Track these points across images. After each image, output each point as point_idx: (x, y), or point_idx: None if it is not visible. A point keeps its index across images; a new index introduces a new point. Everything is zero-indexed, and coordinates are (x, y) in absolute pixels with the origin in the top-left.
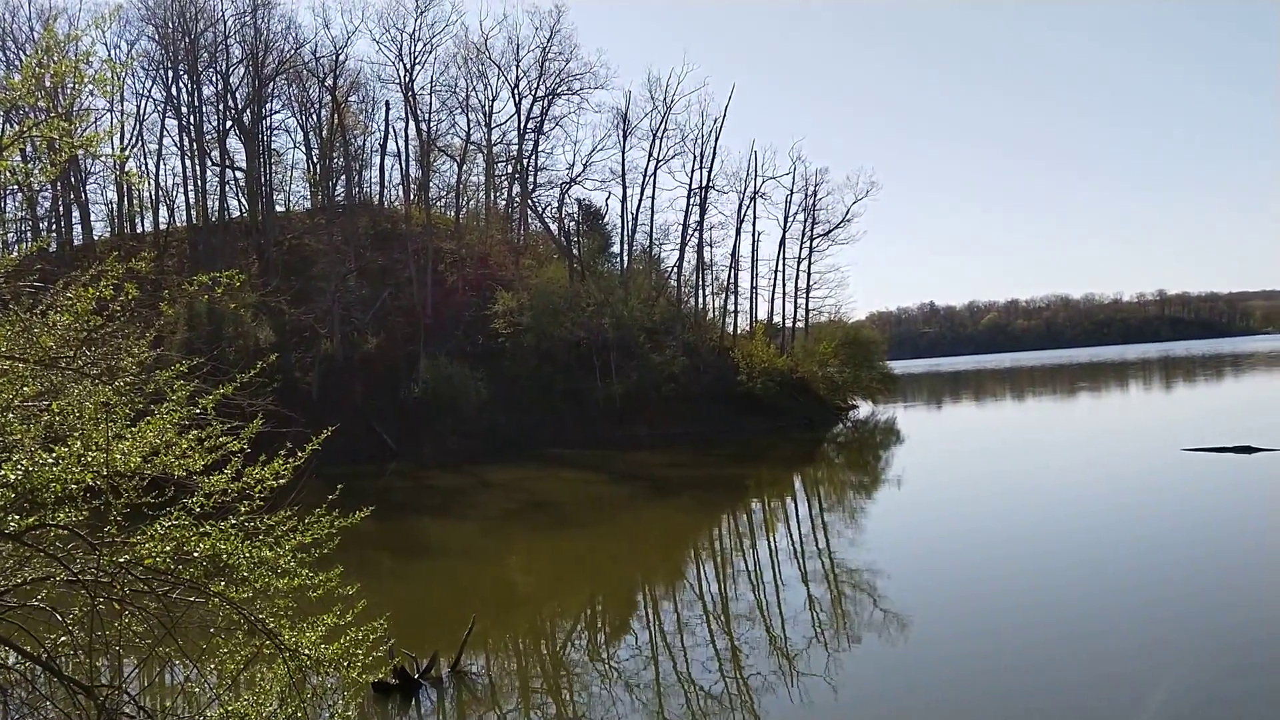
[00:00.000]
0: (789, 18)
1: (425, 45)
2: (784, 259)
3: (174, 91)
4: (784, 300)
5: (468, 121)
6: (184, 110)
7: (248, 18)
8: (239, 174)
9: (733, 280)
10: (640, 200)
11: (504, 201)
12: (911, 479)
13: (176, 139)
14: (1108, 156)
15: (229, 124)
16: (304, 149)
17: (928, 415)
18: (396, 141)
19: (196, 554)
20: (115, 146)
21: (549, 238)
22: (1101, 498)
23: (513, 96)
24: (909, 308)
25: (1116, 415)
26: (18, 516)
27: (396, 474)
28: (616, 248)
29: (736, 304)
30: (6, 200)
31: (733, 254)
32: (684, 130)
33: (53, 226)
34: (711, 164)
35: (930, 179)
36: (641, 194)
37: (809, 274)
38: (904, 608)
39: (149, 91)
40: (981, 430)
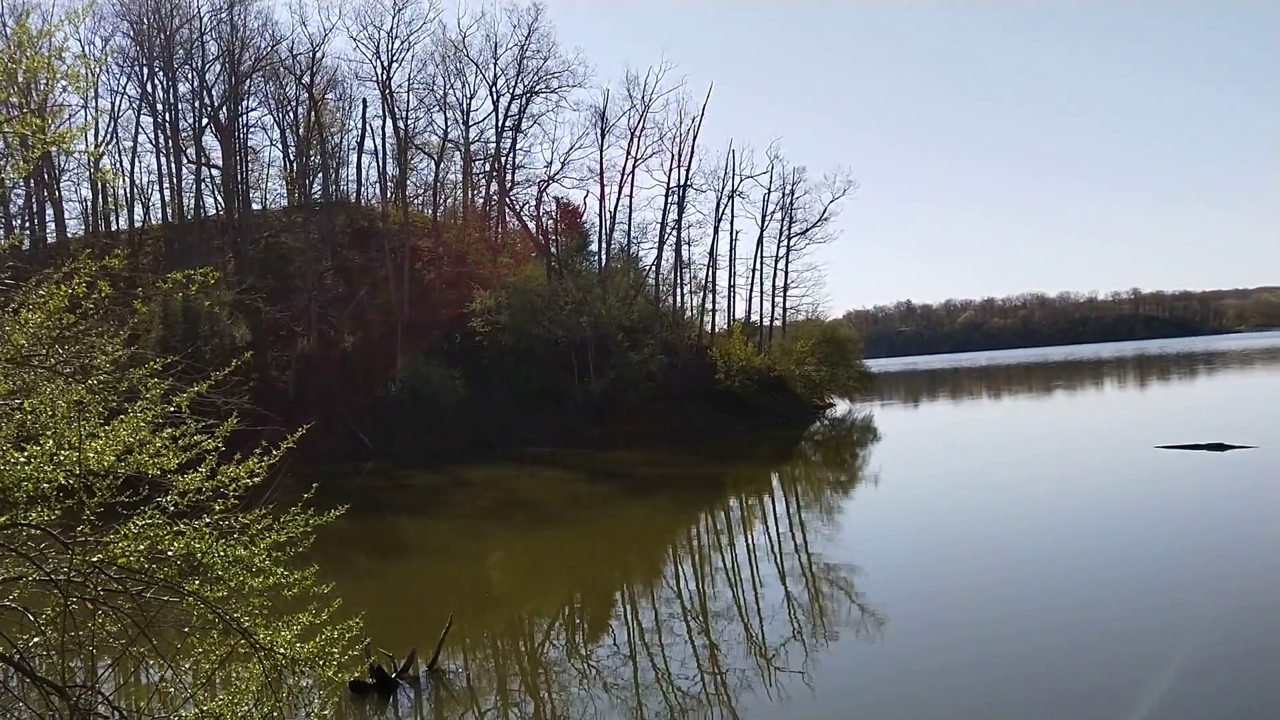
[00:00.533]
0: (766, 20)
1: (403, 43)
2: (762, 258)
3: (149, 88)
4: (762, 299)
5: (445, 119)
6: (159, 107)
7: (224, 14)
8: (215, 171)
9: (711, 279)
10: (618, 199)
11: (482, 200)
12: (888, 477)
13: (152, 136)
14: (1082, 158)
15: (205, 121)
16: (280, 146)
17: (904, 413)
18: (374, 139)
19: (171, 553)
20: (89, 143)
21: (527, 236)
22: (1077, 494)
23: (491, 94)
24: (886, 306)
25: (1091, 413)
26: None
27: (373, 473)
28: (595, 246)
29: (714, 303)
30: None
31: (711, 253)
32: (662, 129)
33: (25, 224)
34: (689, 163)
35: (907, 179)
36: (620, 192)
37: (786, 273)
38: (880, 605)
39: (123, 88)
40: (958, 428)
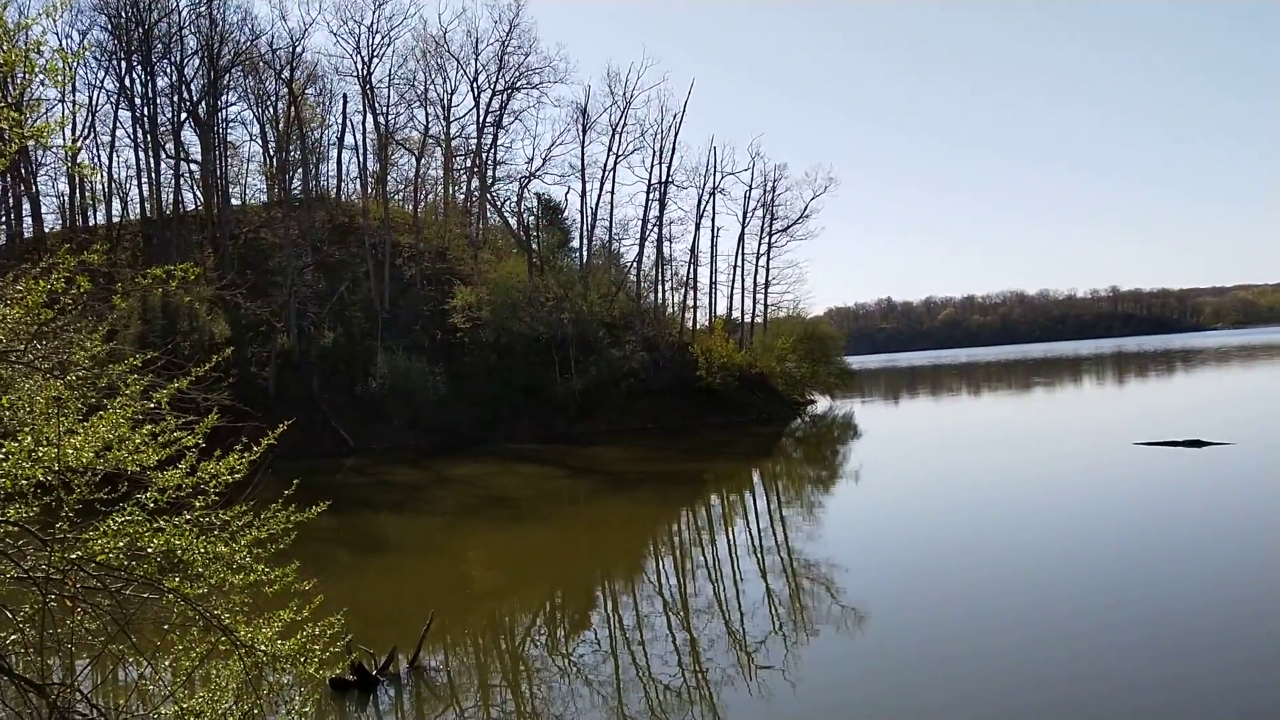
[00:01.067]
0: (748, 12)
1: (383, 38)
2: (743, 254)
3: (127, 82)
4: (743, 296)
5: (426, 115)
6: (138, 101)
7: (203, 8)
8: (194, 167)
9: (692, 276)
10: (600, 195)
11: (463, 195)
12: (868, 473)
13: (130, 131)
14: (1063, 156)
15: (184, 116)
16: (260, 142)
17: (885, 410)
18: (354, 135)
19: (150, 550)
20: (67, 138)
21: (508, 232)
22: (1056, 490)
23: (472, 90)
24: (867, 303)
25: (1071, 409)
26: None
27: (354, 469)
28: (576, 242)
29: (696, 299)
30: None
31: (692, 249)
32: (643, 125)
33: (2, 219)
34: (671, 159)
35: (888, 176)
36: (601, 189)
37: (768, 269)
38: (861, 600)
39: (102, 82)
40: (938, 424)
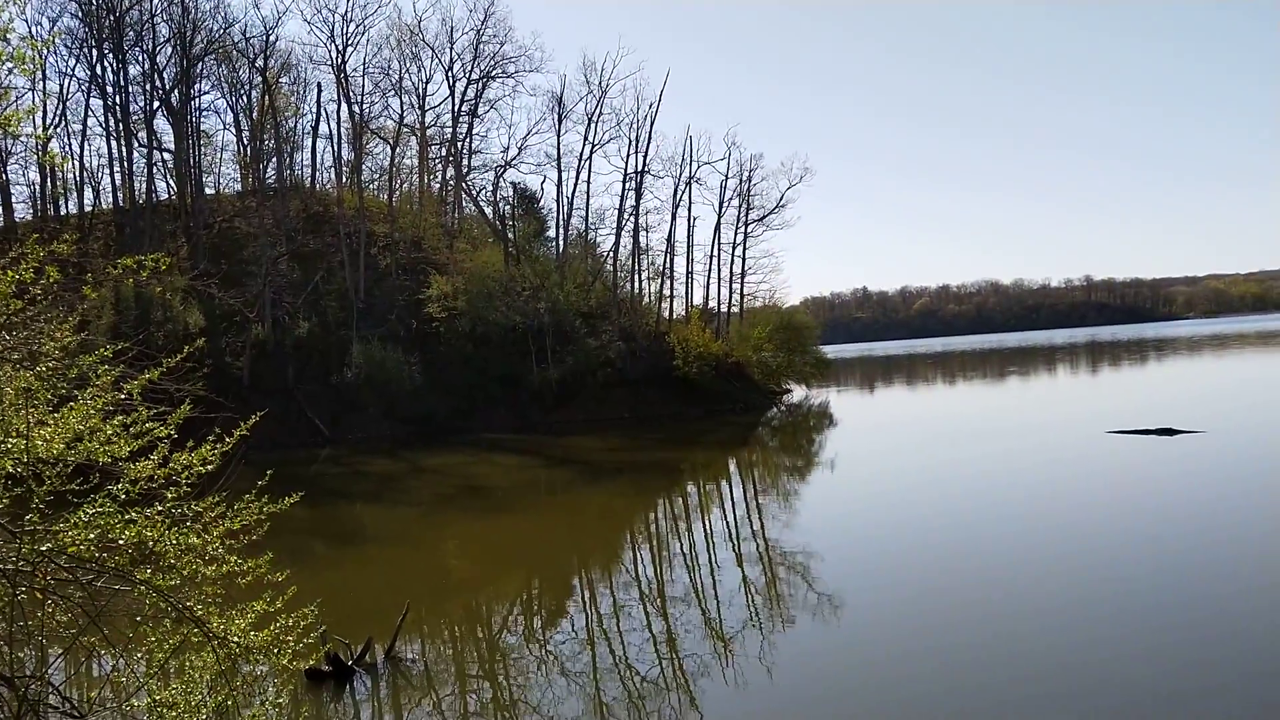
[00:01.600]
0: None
1: (358, 26)
2: (719, 244)
3: (99, 70)
4: (719, 285)
5: (401, 104)
6: (109, 90)
7: None
8: (167, 155)
9: (669, 265)
10: (576, 184)
11: (438, 185)
12: (844, 462)
13: (102, 119)
14: (1038, 141)
15: (156, 104)
16: (234, 130)
17: (860, 399)
18: (329, 124)
19: (122, 541)
20: (36, 126)
21: (484, 221)
22: (1031, 477)
23: (447, 79)
24: (842, 293)
25: (1045, 398)
26: None
27: (329, 459)
28: (552, 232)
29: (672, 289)
30: None
31: (668, 239)
32: (619, 114)
33: None
34: (647, 149)
35: (864, 162)
36: (577, 178)
37: (744, 259)
38: (837, 589)
39: (72, 70)
40: (913, 413)
